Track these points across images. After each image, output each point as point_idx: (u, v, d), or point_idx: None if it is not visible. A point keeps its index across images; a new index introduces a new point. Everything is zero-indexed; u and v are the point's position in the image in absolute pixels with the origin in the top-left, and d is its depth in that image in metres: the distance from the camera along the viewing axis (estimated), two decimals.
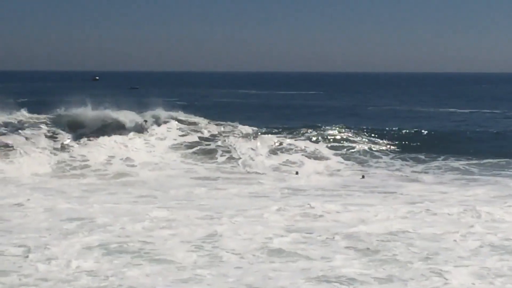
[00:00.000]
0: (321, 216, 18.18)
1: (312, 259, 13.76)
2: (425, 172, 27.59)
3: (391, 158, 30.46)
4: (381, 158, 30.44)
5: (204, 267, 13.14)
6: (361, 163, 29.57)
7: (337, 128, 34.48)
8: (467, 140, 35.60)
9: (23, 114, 32.59)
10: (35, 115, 32.61)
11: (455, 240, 15.36)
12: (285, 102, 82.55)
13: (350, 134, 33.71)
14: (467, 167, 28.22)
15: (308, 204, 19.53)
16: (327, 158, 29.90)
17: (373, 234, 15.75)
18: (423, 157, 30.37)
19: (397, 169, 28.32)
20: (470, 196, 21.56)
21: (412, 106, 72.00)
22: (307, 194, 22.23)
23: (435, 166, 28.60)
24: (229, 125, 33.15)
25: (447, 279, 12.39)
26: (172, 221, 17.30)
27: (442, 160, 29.62)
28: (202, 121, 33.49)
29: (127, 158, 28.52)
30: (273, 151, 30.28)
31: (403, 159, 29.99)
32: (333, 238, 15.47)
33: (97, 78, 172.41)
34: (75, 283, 12.03)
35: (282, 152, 30.35)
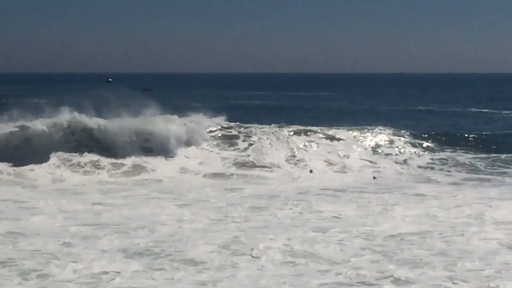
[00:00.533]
0: (336, 217, 18.20)
1: (329, 261, 13.71)
2: (440, 171, 27.63)
3: (405, 153, 30.40)
4: (396, 153, 30.35)
5: (221, 269, 13.15)
6: (377, 158, 29.65)
7: (358, 128, 33.30)
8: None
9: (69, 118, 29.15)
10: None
11: (472, 241, 15.32)
12: (300, 103, 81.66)
13: (372, 131, 32.68)
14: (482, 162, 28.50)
15: (323, 204, 19.68)
16: (344, 151, 29.81)
17: (389, 236, 15.76)
18: (437, 150, 30.45)
19: (410, 166, 28.40)
20: (486, 198, 21.42)
21: (434, 106, 71.68)
22: (321, 194, 22.26)
23: (454, 166, 28.52)
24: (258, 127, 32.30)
25: (467, 282, 12.31)
26: (188, 223, 17.35)
27: (463, 157, 29.59)
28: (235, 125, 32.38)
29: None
30: (292, 139, 30.39)
31: (420, 157, 29.90)
32: (349, 239, 15.47)
33: (110, 80, 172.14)
34: (96, 286, 12.08)
35: (300, 135, 30.83)
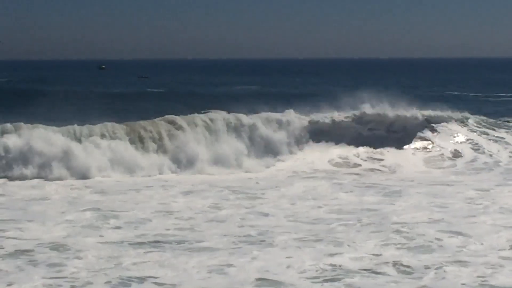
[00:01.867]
0: (358, 205, 17.82)
1: (351, 248, 13.42)
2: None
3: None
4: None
5: (234, 253, 12.92)
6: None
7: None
8: None
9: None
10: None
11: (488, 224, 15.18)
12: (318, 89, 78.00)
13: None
14: None
15: (346, 193, 19.65)
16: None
17: (411, 223, 15.39)
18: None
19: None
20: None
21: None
22: (342, 183, 21.76)
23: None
24: None
25: (485, 275, 11.92)
26: (199, 211, 16.98)
27: None
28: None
29: None
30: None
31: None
32: (370, 226, 15.15)
33: (104, 66, 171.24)
34: (107, 272, 11.83)
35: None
